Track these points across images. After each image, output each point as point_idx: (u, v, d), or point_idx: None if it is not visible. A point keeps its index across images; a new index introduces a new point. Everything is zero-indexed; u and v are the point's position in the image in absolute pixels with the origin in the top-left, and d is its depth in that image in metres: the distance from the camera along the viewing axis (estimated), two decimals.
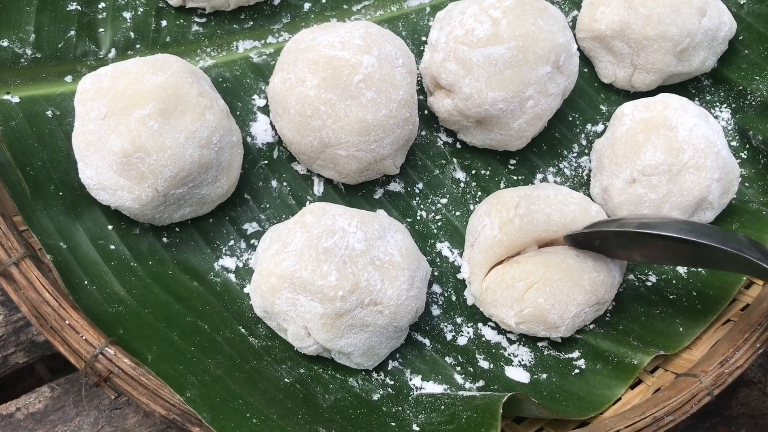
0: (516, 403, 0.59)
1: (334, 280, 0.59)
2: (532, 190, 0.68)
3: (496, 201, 0.67)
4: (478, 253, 0.66)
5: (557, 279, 0.64)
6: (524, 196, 0.67)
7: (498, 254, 0.65)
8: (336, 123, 0.65)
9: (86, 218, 0.64)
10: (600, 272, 0.65)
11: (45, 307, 0.55)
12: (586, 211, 0.66)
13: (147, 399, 0.54)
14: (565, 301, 0.64)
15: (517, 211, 0.65)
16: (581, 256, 0.65)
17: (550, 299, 0.64)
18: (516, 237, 0.64)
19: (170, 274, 0.64)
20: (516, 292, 0.65)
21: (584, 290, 0.65)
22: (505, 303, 0.66)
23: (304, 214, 0.64)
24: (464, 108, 0.70)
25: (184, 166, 0.61)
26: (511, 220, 0.65)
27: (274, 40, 0.76)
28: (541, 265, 0.64)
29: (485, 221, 0.67)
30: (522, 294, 0.65)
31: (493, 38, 0.68)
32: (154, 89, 0.61)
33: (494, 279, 0.66)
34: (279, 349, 0.63)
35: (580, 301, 0.65)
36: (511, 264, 0.65)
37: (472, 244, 0.69)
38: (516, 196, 0.67)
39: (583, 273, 0.65)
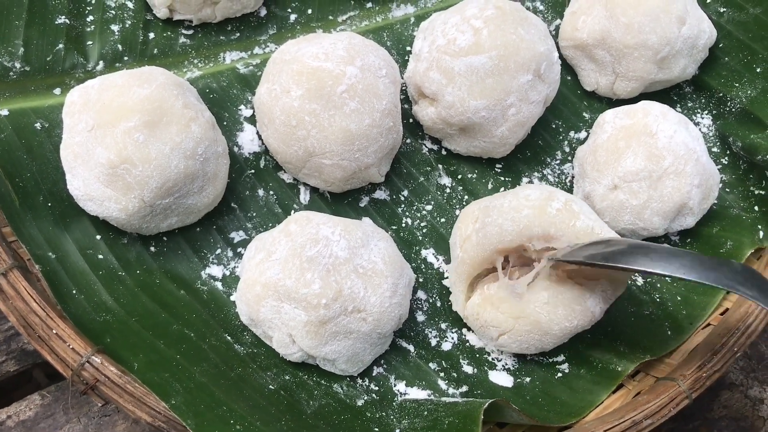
0: (497, 408, 0.60)
1: (317, 288, 0.60)
2: (492, 200, 0.66)
3: (462, 217, 0.68)
4: (452, 273, 0.68)
5: (527, 330, 0.64)
6: (483, 208, 0.66)
7: (466, 272, 0.65)
8: (320, 133, 0.66)
9: (75, 228, 0.65)
10: (573, 320, 0.63)
11: (32, 317, 0.56)
12: (543, 212, 0.63)
13: (133, 406, 0.55)
14: (538, 346, 0.65)
15: (474, 226, 0.65)
16: (551, 302, 0.63)
17: (524, 345, 0.65)
18: (475, 253, 0.64)
19: (158, 283, 0.65)
20: (491, 333, 0.65)
21: (555, 337, 0.64)
22: (484, 337, 0.67)
23: (288, 223, 0.65)
24: (447, 116, 0.71)
25: (170, 176, 0.62)
26: (469, 236, 0.65)
27: (260, 51, 0.77)
28: (510, 317, 0.64)
29: (455, 238, 0.68)
30: (496, 337, 0.65)
31: (474, 48, 0.69)
32: (139, 102, 0.62)
33: (473, 314, 0.66)
34: (264, 356, 0.64)
35: (553, 342, 0.65)
36: (486, 304, 0.64)
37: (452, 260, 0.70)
38: (476, 210, 0.66)
39: (552, 324, 0.63)
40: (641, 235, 0.72)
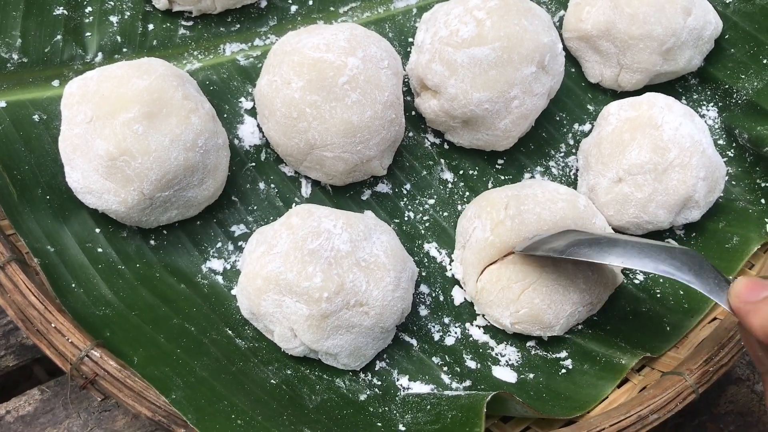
0: (501, 402, 0.59)
1: (319, 282, 0.60)
2: (519, 190, 0.68)
3: (485, 203, 0.68)
4: (471, 255, 0.67)
5: (553, 278, 0.64)
6: (512, 196, 0.67)
7: (491, 255, 0.65)
8: (321, 125, 0.66)
9: (74, 221, 0.64)
10: (595, 271, 0.66)
11: (31, 311, 0.55)
12: (574, 206, 0.66)
13: (133, 401, 0.54)
14: (561, 301, 0.65)
15: (507, 212, 0.65)
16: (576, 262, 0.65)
17: (546, 299, 0.64)
18: (508, 238, 0.64)
19: (158, 277, 0.65)
20: (512, 293, 0.65)
21: (579, 289, 0.65)
22: (500, 303, 0.66)
23: (290, 216, 0.64)
24: (450, 108, 0.70)
25: (170, 169, 0.61)
26: (503, 221, 0.65)
27: (261, 42, 0.76)
28: (537, 266, 0.65)
29: (476, 223, 0.67)
30: (518, 295, 0.65)
31: (477, 39, 0.68)
32: (139, 93, 0.61)
33: (489, 279, 0.66)
34: (266, 351, 0.63)
35: (575, 300, 0.65)
36: (506, 264, 0.65)
37: (463, 246, 0.69)
38: (504, 197, 0.67)
39: (578, 272, 0.65)
40: (646, 228, 0.71)
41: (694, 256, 0.57)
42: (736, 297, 0.52)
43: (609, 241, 0.60)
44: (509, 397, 0.58)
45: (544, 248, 0.62)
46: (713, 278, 0.55)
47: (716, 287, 0.55)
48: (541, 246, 0.63)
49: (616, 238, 0.61)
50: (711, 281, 0.55)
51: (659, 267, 0.56)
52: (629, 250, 0.58)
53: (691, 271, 0.56)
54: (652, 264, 0.56)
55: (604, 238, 0.61)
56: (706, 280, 0.55)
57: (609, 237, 0.62)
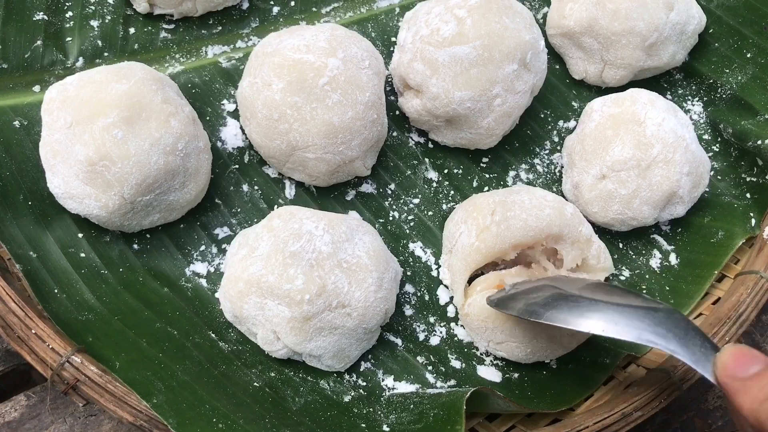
0: (483, 398, 0.59)
1: (300, 284, 0.60)
2: (507, 195, 0.67)
3: (471, 208, 0.67)
4: (457, 261, 0.66)
5: (542, 347, 0.64)
6: (499, 202, 0.66)
7: (476, 261, 0.65)
8: (302, 126, 0.66)
9: (56, 227, 0.64)
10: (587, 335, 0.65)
11: (11, 317, 0.55)
12: (561, 213, 0.66)
13: (114, 406, 0.54)
14: (540, 354, 0.65)
15: (493, 218, 0.65)
16: None
17: (529, 355, 0.65)
18: (493, 244, 0.64)
19: (141, 281, 0.65)
20: (495, 336, 0.65)
21: (562, 346, 0.65)
22: (481, 335, 0.66)
23: (271, 218, 0.64)
24: (432, 108, 0.70)
25: (150, 173, 0.61)
26: (488, 227, 0.65)
27: (243, 44, 0.76)
28: (531, 334, 0.63)
29: (462, 228, 0.67)
30: (499, 342, 0.65)
31: (458, 37, 0.68)
32: (118, 97, 0.61)
33: (477, 313, 0.65)
34: (249, 354, 0.63)
35: (553, 354, 0.65)
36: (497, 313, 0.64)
37: (450, 250, 0.69)
38: (491, 203, 0.66)
39: (572, 341, 0.65)
40: (631, 224, 0.71)
41: (679, 320, 0.54)
42: (723, 370, 0.48)
43: (590, 303, 0.57)
44: (490, 393, 0.58)
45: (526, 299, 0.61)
46: (699, 346, 0.52)
47: (702, 356, 0.51)
48: (521, 296, 0.62)
49: (598, 301, 0.58)
50: (697, 350, 0.52)
51: (642, 336, 0.53)
52: (610, 316, 0.55)
53: (676, 338, 0.53)
54: (635, 333, 0.53)
55: (585, 300, 0.58)
56: (692, 349, 0.52)
57: (590, 299, 0.58)
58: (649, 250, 0.73)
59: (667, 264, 0.72)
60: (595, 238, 0.68)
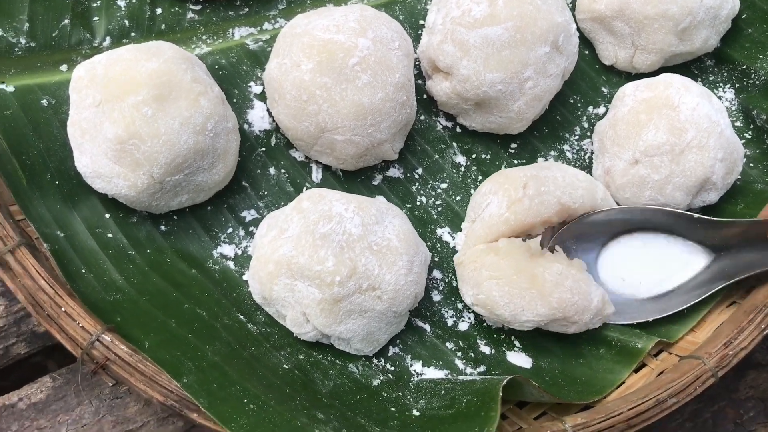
0: (517, 387, 0.58)
1: (331, 266, 0.59)
2: (539, 170, 0.67)
3: (503, 180, 0.66)
4: (480, 228, 0.65)
5: (523, 287, 0.62)
6: (532, 176, 0.66)
7: (501, 231, 0.64)
8: (332, 107, 0.65)
9: (83, 207, 0.64)
10: (575, 294, 0.62)
11: (41, 295, 0.54)
12: (593, 196, 0.66)
13: (144, 385, 0.53)
14: (521, 305, 0.62)
15: (526, 191, 0.64)
16: (565, 273, 0.63)
17: (505, 297, 0.62)
18: (524, 217, 0.64)
19: (168, 262, 0.64)
20: (479, 276, 0.63)
21: (549, 306, 0.62)
22: (468, 282, 0.65)
23: (301, 200, 0.63)
24: (462, 90, 0.69)
25: (179, 152, 0.61)
26: (521, 199, 0.64)
27: (270, 26, 0.75)
28: (513, 269, 0.62)
29: (490, 199, 0.66)
30: (482, 281, 0.63)
31: (490, 18, 0.67)
32: (147, 75, 0.60)
33: (469, 257, 0.65)
34: (278, 336, 0.63)
35: (540, 313, 0.62)
36: (490, 249, 0.64)
37: (473, 220, 0.68)
38: (524, 176, 0.66)
39: (554, 290, 0.62)
40: None
41: None
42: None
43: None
44: (525, 382, 0.57)
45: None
46: None
47: None
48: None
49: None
50: None
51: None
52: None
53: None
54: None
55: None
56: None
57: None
58: None
59: None
60: None
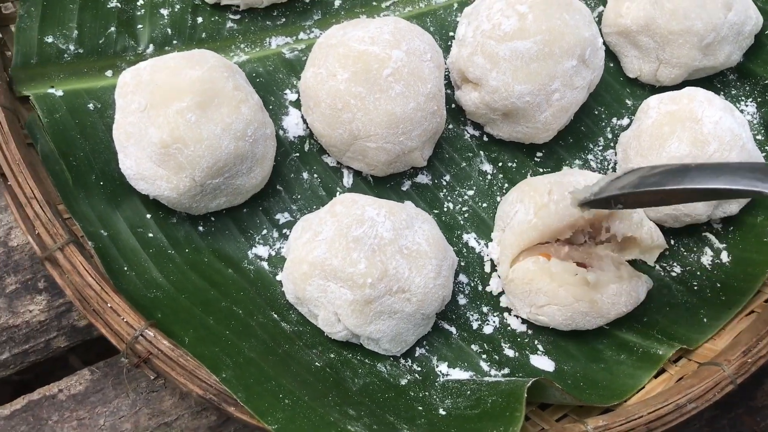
0: (541, 389, 0.60)
1: (363, 268, 0.61)
2: (561, 177, 0.69)
3: (527, 188, 0.69)
4: (511, 236, 0.68)
5: (583, 312, 0.66)
6: (555, 182, 0.68)
7: (531, 238, 0.66)
8: (365, 116, 0.67)
9: (125, 207, 0.67)
10: (629, 305, 0.67)
11: (88, 291, 0.57)
12: None
13: (185, 379, 0.56)
14: (582, 325, 0.67)
15: (551, 197, 0.67)
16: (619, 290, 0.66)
17: (568, 320, 0.67)
18: (551, 222, 0.66)
19: (206, 262, 0.67)
20: (537, 300, 0.67)
21: (605, 318, 0.67)
22: (523, 300, 0.68)
23: (334, 204, 0.66)
24: (491, 101, 0.72)
25: (221, 157, 0.63)
26: (546, 205, 0.67)
27: (305, 36, 0.78)
28: (571, 296, 0.66)
29: (517, 207, 0.68)
30: (541, 306, 0.67)
31: (519, 32, 0.69)
32: (191, 83, 0.63)
33: (522, 277, 0.67)
34: (310, 335, 0.65)
35: (597, 324, 0.67)
36: (543, 274, 0.66)
37: (502, 229, 0.70)
38: (547, 183, 0.68)
39: (612, 309, 0.67)
40: (684, 221, 0.72)
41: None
42: None
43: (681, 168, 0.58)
44: (549, 384, 0.59)
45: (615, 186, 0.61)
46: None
47: None
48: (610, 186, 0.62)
49: (688, 165, 0.58)
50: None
51: (738, 182, 0.53)
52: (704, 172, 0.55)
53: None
54: (729, 179, 0.53)
55: (675, 167, 0.59)
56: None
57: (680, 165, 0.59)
58: (700, 248, 0.74)
59: (719, 262, 0.73)
60: (646, 220, 0.69)
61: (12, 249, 0.72)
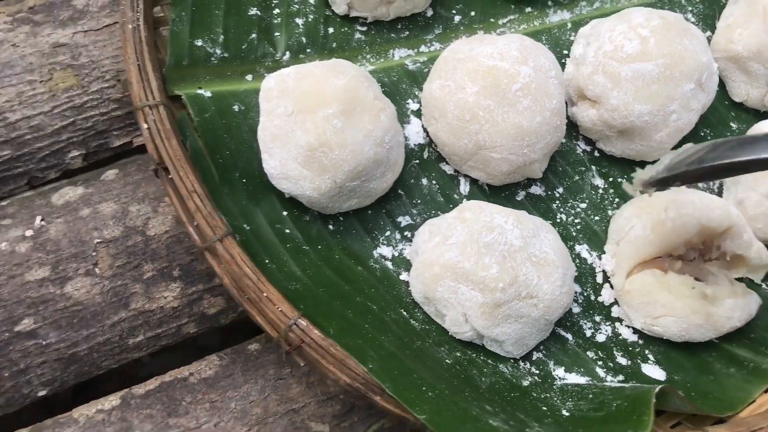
0: (662, 396, 0.62)
1: (495, 273, 0.64)
2: (677, 195, 0.72)
3: (644, 204, 0.72)
4: (628, 248, 0.71)
5: (698, 324, 0.69)
6: (671, 200, 0.71)
7: (648, 252, 0.70)
8: (493, 128, 0.71)
9: (264, 204, 0.70)
10: (743, 321, 0.70)
11: (245, 281, 0.61)
12: (729, 216, 0.70)
13: (335, 368, 0.59)
14: (696, 338, 0.70)
15: (667, 214, 0.70)
16: (734, 305, 0.69)
17: (683, 332, 0.69)
18: (668, 237, 0.69)
19: (337, 259, 0.70)
20: (654, 311, 0.70)
21: (718, 332, 0.70)
22: (639, 311, 0.71)
23: (462, 211, 0.69)
24: (609, 118, 0.75)
25: (361, 161, 0.67)
26: (663, 222, 0.70)
27: (426, 49, 0.82)
28: (688, 308, 0.68)
29: (633, 222, 0.72)
30: (657, 317, 0.70)
31: (641, 55, 0.73)
32: (337, 91, 0.67)
33: (639, 289, 0.70)
34: (436, 333, 0.68)
35: (709, 336, 0.70)
36: (661, 286, 0.69)
37: (617, 242, 0.73)
38: (664, 200, 0.71)
39: (727, 322, 0.69)
40: None
41: None
42: None
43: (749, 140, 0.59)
44: (671, 392, 0.62)
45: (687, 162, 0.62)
46: None
47: None
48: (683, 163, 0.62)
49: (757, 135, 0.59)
50: None
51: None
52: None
53: None
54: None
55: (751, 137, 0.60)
56: None
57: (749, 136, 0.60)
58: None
59: None
60: (755, 240, 0.72)
61: (150, 238, 0.77)
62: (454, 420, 0.58)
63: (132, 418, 0.70)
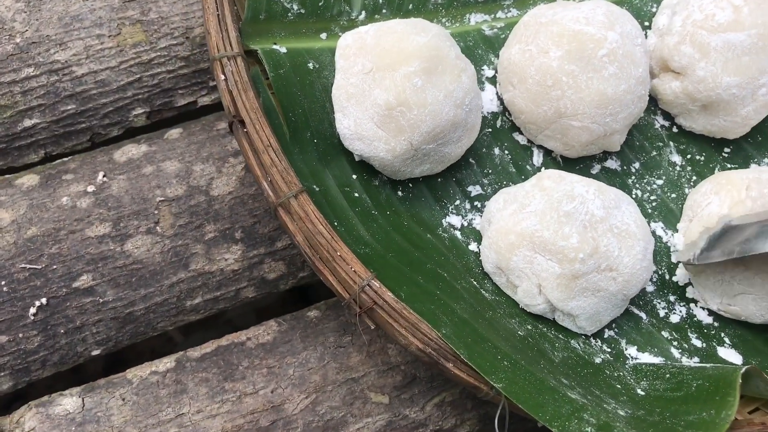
0: (744, 378, 0.60)
1: (575, 242, 0.62)
2: (760, 173, 0.68)
3: (724, 181, 0.69)
4: (698, 227, 0.68)
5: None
6: (754, 179, 0.68)
7: None
8: (576, 94, 0.68)
9: (334, 166, 0.69)
10: None
11: (319, 239, 0.59)
12: None
13: (407, 332, 0.57)
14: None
15: (748, 193, 0.66)
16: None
17: (762, 310, 0.66)
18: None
19: (406, 225, 0.68)
20: (731, 290, 0.67)
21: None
22: (715, 291, 0.68)
23: (541, 179, 0.66)
24: (694, 91, 0.71)
25: (440, 123, 0.65)
26: (743, 201, 0.66)
27: (503, 15, 0.79)
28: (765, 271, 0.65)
29: (711, 199, 0.68)
30: (734, 295, 0.67)
31: (734, 24, 0.69)
32: (419, 48, 0.64)
33: (714, 266, 0.67)
34: (506, 305, 0.66)
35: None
36: (735, 262, 0.66)
37: (690, 219, 0.70)
38: (745, 178, 0.68)
39: None
40: None
41: None
42: None
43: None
44: (756, 374, 0.59)
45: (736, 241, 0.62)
46: None
47: None
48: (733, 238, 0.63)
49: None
50: None
51: None
52: None
53: None
54: None
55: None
56: None
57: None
58: None
59: None
60: None
61: (213, 198, 0.76)
62: (531, 390, 0.56)
63: (187, 380, 0.69)
